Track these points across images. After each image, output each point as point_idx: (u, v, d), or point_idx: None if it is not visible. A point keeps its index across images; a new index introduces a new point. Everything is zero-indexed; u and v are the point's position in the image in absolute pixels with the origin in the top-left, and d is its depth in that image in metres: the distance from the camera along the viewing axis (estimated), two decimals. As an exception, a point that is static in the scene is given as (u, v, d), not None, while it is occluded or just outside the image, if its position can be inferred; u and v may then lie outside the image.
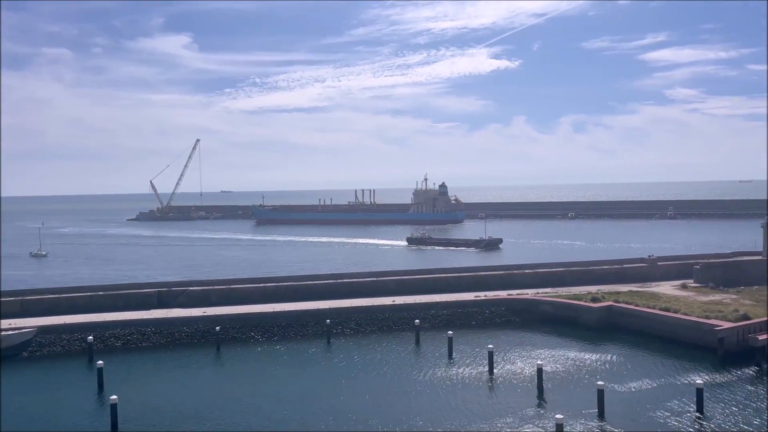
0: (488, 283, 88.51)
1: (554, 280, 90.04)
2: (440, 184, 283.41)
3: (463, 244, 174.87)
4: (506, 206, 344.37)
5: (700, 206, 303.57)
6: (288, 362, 61.12)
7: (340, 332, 70.80)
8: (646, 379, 52.91)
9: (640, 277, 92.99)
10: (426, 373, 56.40)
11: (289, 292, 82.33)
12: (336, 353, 63.88)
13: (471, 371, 56.56)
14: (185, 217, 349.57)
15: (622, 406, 46.47)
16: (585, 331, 70.26)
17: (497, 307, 77.66)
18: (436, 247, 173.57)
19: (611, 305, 73.42)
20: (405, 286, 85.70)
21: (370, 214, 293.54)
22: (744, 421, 43.69)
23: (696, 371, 54.42)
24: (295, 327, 71.54)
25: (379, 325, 72.99)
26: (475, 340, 66.63)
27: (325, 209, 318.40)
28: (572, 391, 50.65)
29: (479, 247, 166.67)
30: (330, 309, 74.23)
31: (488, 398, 49.93)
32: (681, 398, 47.88)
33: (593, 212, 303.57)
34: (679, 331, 64.69)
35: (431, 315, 75.00)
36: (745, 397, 48.38)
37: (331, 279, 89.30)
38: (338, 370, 57.97)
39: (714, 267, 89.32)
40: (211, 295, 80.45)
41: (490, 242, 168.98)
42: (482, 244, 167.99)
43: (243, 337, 69.38)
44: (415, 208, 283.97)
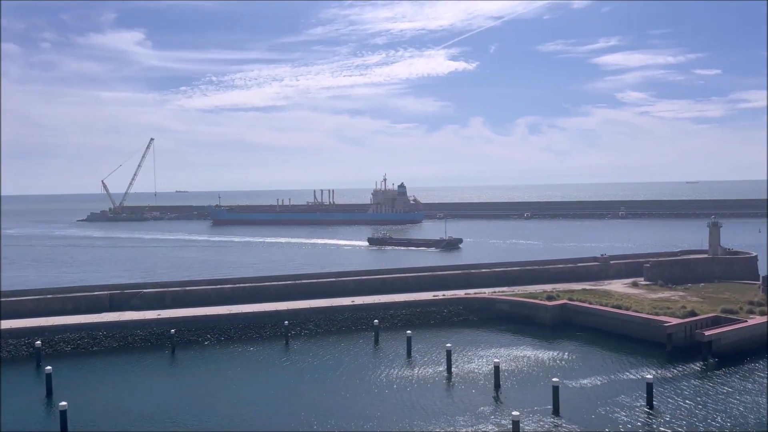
0: (446, 282, 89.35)
1: (511, 279, 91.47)
2: (399, 185, 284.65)
3: (423, 244, 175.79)
4: (464, 206, 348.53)
5: (650, 206, 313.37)
6: (245, 364, 60.31)
7: (298, 333, 70.29)
8: (599, 375, 54.29)
9: (593, 275, 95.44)
10: (385, 372, 56.50)
11: (246, 294, 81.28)
12: (294, 355, 63.39)
13: (429, 370, 56.94)
14: (139, 217, 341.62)
15: (576, 402, 47.54)
16: (540, 328, 71.60)
17: (455, 306, 78.43)
18: (397, 248, 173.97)
19: (566, 303, 75.05)
20: (364, 287, 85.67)
21: (329, 214, 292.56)
22: (691, 414, 45.24)
23: (646, 366, 56.15)
24: (253, 329, 70.68)
25: (339, 326, 72.77)
26: (434, 339, 67.12)
27: (283, 209, 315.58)
28: (528, 388, 51.54)
29: (439, 247, 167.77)
30: (288, 310, 73.61)
31: (446, 397, 50.35)
32: (632, 393, 49.29)
33: (548, 212, 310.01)
34: (631, 327, 66.62)
35: (390, 315, 75.21)
36: (692, 391, 50.13)
37: (289, 280, 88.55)
38: (296, 372, 57.53)
39: (663, 265, 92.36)
40: (166, 297, 78.75)
41: (450, 242, 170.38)
42: (442, 244, 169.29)
43: (199, 340, 68.15)
44: (374, 208, 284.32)
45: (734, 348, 58.93)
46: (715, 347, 58.16)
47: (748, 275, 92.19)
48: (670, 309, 67.87)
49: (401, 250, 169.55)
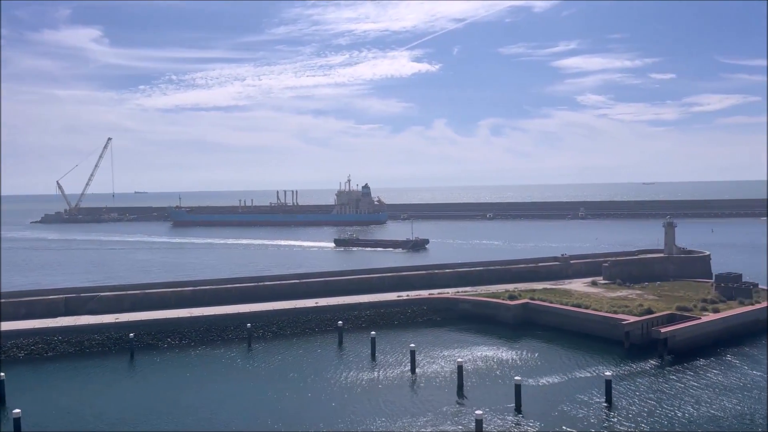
0: (410, 282, 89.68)
1: (474, 279, 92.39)
2: (363, 186, 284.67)
3: (390, 245, 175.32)
4: (428, 207, 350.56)
5: (608, 207, 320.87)
6: (206, 368, 59.36)
7: (261, 336, 69.57)
8: (559, 373, 55.24)
9: (554, 275, 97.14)
10: (349, 374, 56.36)
11: (208, 296, 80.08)
12: (257, 357, 62.70)
13: (393, 371, 57.04)
14: (96, 219, 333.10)
15: (538, 400, 48.28)
16: (503, 327, 72.49)
17: (419, 306, 78.78)
18: (363, 249, 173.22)
19: (527, 302, 76.17)
20: (328, 288, 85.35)
21: (292, 215, 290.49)
22: (647, 409, 46.44)
23: (605, 363, 57.40)
24: (214, 332, 69.65)
25: (302, 328, 72.30)
26: (398, 340, 67.28)
27: (245, 211, 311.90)
28: (491, 387, 52.11)
29: (406, 248, 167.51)
30: (251, 312, 72.79)
31: (410, 397, 50.51)
32: (591, 390, 50.31)
33: (510, 213, 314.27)
34: (590, 325, 68.03)
35: (354, 316, 75.09)
36: (648, 387, 51.45)
37: (252, 282, 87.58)
38: (259, 375, 56.92)
39: (621, 264, 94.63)
40: (125, 301, 76.98)
41: (416, 243, 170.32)
42: (409, 245, 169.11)
43: (158, 344, 66.79)
44: (338, 209, 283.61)
45: (688, 345, 60.74)
46: (671, 344, 59.83)
47: (702, 274, 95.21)
48: (628, 307, 69.56)
49: (368, 251, 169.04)
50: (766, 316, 69.89)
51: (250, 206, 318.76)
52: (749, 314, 68.74)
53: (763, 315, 69.82)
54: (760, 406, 46.58)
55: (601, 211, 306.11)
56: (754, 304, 71.53)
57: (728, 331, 65.21)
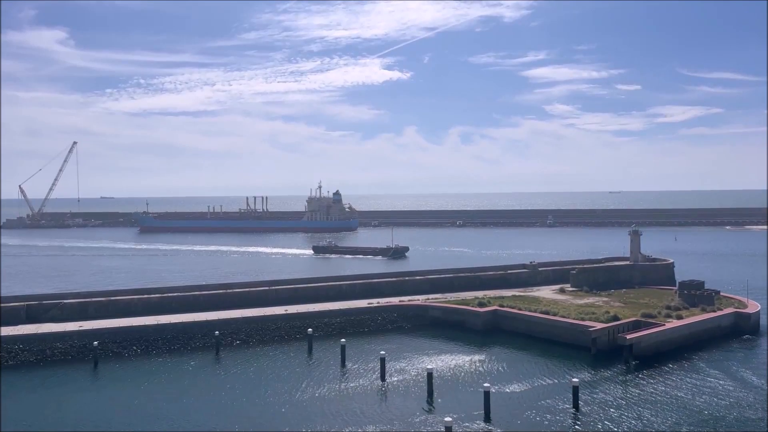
0: (380, 289, 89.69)
1: (444, 286, 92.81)
2: (334, 192, 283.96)
3: (370, 253, 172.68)
4: (399, 214, 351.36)
5: (575, 215, 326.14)
6: (173, 377, 58.31)
7: (229, 344, 68.67)
8: (528, 379, 55.76)
9: (522, 282, 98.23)
10: (318, 382, 55.97)
11: (175, 304, 78.79)
12: (225, 366, 61.84)
13: (363, 378, 56.85)
14: (59, 224, 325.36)
15: (506, 406, 48.62)
16: (472, 334, 72.91)
17: (389, 313, 78.77)
18: (343, 256, 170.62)
19: (496, 309, 76.80)
20: (298, 295, 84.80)
21: (262, 221, 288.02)
22: (613, 414, 47.16)
23: (572, 370, 58.14)
24: (182, 340, 68.51)
25: (272, 336, 71.61)
26: (368, 347, 67.11)
27: (214, 217, 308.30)
28: (460, 393, 52.31)
29: (387, 256, 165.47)
30: (219, 320, 71.84)
31: (380, 404, 50.38)
32: (559, 396, 50.91)
33: (479, 220, 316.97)
34: (558, 332, 68.89)
35: (324, 323, 74.69)
36: (614, 393, 52.26)
37: (220, 289, 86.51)
38: (227, 384, 56.11)
39: (588, 272, 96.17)
40: (89, 308, 75.26)
41: (397, 250, 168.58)
42: (390, 252, 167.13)
43: (124, 352, 65.39)
44: (308, 215, 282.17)
45: (653, 350, 61.97)
46: (636, 350, 60.94)
47: (666, 281, 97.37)
48: (595, 314, 70.68)
49: (348, 258, 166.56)
50: (728, 322, 71.76)
51: (219, 212, 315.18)
52: (711, 321, 70.47)
53: (725, 321, 71.64)
54: (721, 410, 47.70)
55: (568, 218, 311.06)
56: (716, 310, 73.35)
57: (691, 337, 66.74)
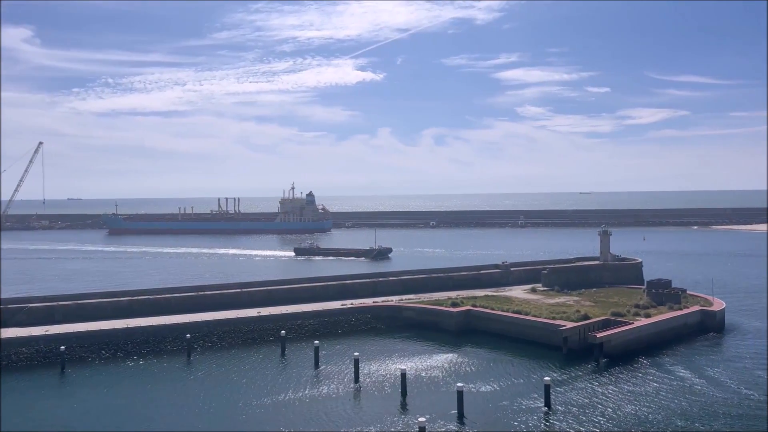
0: (354, 291, 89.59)
1: (417, 287, 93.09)
2: (308, 193, 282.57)
3: (353, 254, 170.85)
4: (373, 215, 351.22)
5: (547, 216, 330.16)
6: (143, 381, 57.34)
7: (201, 347, 67.84)
8: (501, 378, 56.24)
9: (495, 282, 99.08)
10: (292, 384, 55.63)
11: (146, 307, 77.56)
12: (197, 369, 61.05)
13: (337, 379, 56.68)
14: (25, 226, 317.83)
15: (479, 406, 48.95)
16: (446, 334, 73.25)
17: (363, 314, 78.70)
18: (326, 258, 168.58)
19: (469, 309, 77.29)
20: (271, 297, 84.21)
21: (234, 223, 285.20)
22: (584, 411, 47.83)
23: (544, 368, 58.83)
24: (152, 343, 67.44)
25: (244, 338, 70.96)
26: (342, 349, 66.96)
27: (185, 218, 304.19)
28: (434, 393, 52.50)
29: (370, 257, 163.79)
30: (191, 323, 70.92)
31: (353, 405, 50.29)
32: (532, 394, 51.45)
33: (453, 221, 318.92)
34: (530, 331, 69.62)
35: (298, 325, 74.28)
36: (585, 390, 53.01)
37: (191, 291, 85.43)
38: (199, 387, 55.40)
39: (559, 272, 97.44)
40: (56, 312, 73.58)
41: (380, 252, 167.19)
42: (373, 253, 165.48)
43: (92, 357, 64.10)
44: (281, 217, 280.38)
45: (622, 348, 63.03)
46: (606, 348, 61.92)
47: (635, 280, 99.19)
48: (566, 313, 71.63)
49: (330, 260, 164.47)
50: (694, 320, 73.39)
51: (190, 214, 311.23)
52: (678, 319, 72.00)
53: (692, 319, 73.25)
54: (689, 405, 48.74)
55: (540, 219, 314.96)
56: (682, 309, 74.96)
57: (659, 335, 68.08)
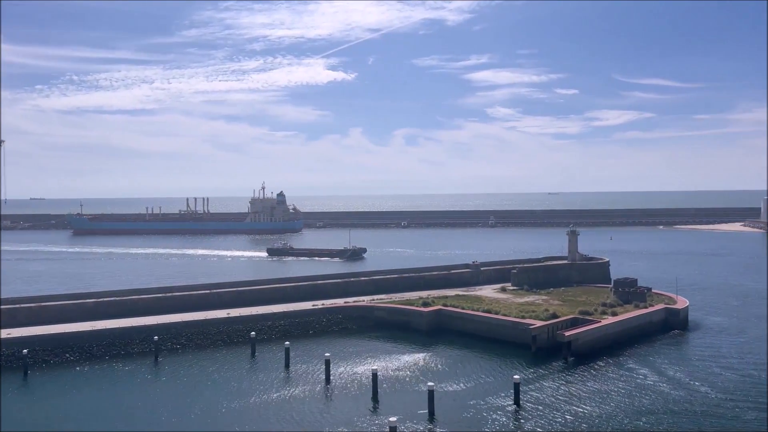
0: (325, 291, 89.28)
1: (388, 287, 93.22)
2: (278, 193, 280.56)
3: (327, 255, 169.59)
4: (344, 215, 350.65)
5: (516, 216, 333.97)
6: (109, 384, 56.21)
7: (169, 349, 66.83)
8: (471, 377, 56.66)
9: (465, 281, 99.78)
10: (261, 385, 55.17)
11: (112, 308, 76.09)
12: (165, 371, 60.11)
13: (307, 380, 56.41)
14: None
15: (450, 405, 49.23)
16: (417, 334, 73.50)
17: (334, 314, 78.47)
18: (299, 258, 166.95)
19: (440, 309, 77.69)
20: (241, 298, 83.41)
21: (203, 223, 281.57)
22: (553, 409, 48.48)
23: (514, 367, 59.47)
24: (119, 345, 66.18)
25: (213, 339, 70.12)
26: (313, 349, 66.66)
27: (153, 218, 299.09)
28: (405, 393, 52.62)
29: (344, 257, 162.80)
30: (158, 324, 69.79)
31: (324, 406, 50.10)
32: (501, 392, 51.95)
33: (424, 221, 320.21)
34: (500, 330, 70.30)
35: (268, 326, 73.70)
36: (553, 388, 53.75)
37: (159, 293, 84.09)
38: (166, 390, 54.56)
39: (528, 271, 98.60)
40: (18, 314, 71.60)
41: (355, 252, 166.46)
42: (347, 254, 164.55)
43: (56, 360, 62.58)
44: (252, 217, 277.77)
45: (590, 346, 64.07)
46: (574, 346, 62.88)
47: (602, 279, 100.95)
48: (535, 312, 72.52)
49: (304, 260, 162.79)
50: (659, 318, 75.01)
51: (157, 214, 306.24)
52: (644, 317, 73.51)
53: (656, 317, 74.87)
54: (651, 403, 49.80)
55: (509, 219, 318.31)
56: (647, 307, 76.56)
57: (625, 333, 69.40)
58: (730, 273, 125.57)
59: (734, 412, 47.45)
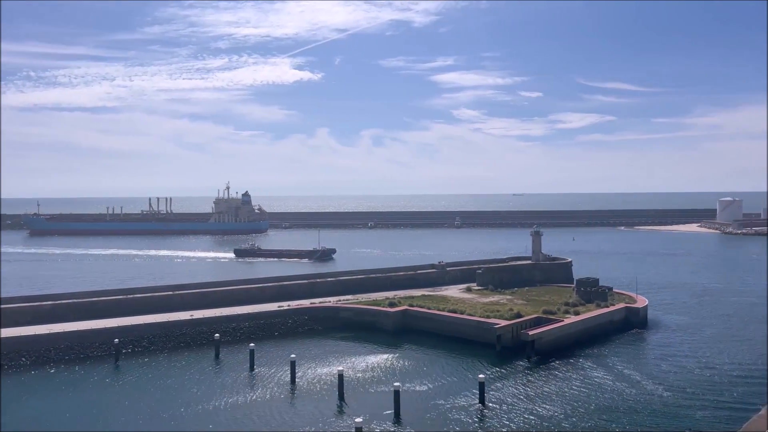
0: (291, 292, 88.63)
1: (355, 287, 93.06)
2: (243, 193, 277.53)
3: (296, 255, 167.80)
4: (311, 216, 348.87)
5: (481, 217, 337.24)
6: (66, 389, 54.65)
7: (130, 352, 65.39)
8: (437, 377, 56.93)
9: (432, 281, 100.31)
10: (225, 388, 54.40)
11: (70, 311, 74.08)
12: (125, 375, 58.76)
13: (273, 383, 55.86)
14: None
15: (416, 405, 49.36)
16: (383, 335, 73.54)
17: (300, 316, 77.94)
18: (268, 259, 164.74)
19: (406, 309, 77.90)
20: (205, 300, 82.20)
21: (166, 224, 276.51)
22: (517, 407, 49.05)
23: (479, 366, 60.00)
24: (77, 349, 64.46)
25: (176, 342, 68.89)
26: (278, 351, 66.07)
27: (114, 219, 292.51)
28: (371, 394, 52.56)
29: (313, 258, 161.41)
30: (119, 327, 68.24)
31: (290, 408, 49.68)
32: (467, 391, 52.33)
33: (391, 222, 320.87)
34: (465, 330, 70.84)
35: (232, 328, 72.77)
36: (517, 386, 54.41)
37: (120, 294, 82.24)
38: (127, 394, 53.30)
39: (493, 271, 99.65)
40: (-30, 318, 69.15)
41: (324, 253, 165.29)
42: (316, 254, 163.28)
43: (10, 365, 60.56)
44: (216, 217, 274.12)
45: (553, 345, 65.06)
46: (538, 345, 63.75)
47: (565, 279, 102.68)
48: (499, 311, 73.31)
49: (272, 262, 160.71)
50: (620, 317, 76.64)
51: (118, 214, 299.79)
52: (605, 316, 75.01)
53: (617, 316, 76.48)
54: (611, 401, 50.82)
55: (475, 220, 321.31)
56: (609, 306, 78.14)
57: (587, 332, 70.71)
58: (687, 272, 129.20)
59: (687, 411, 48.75)
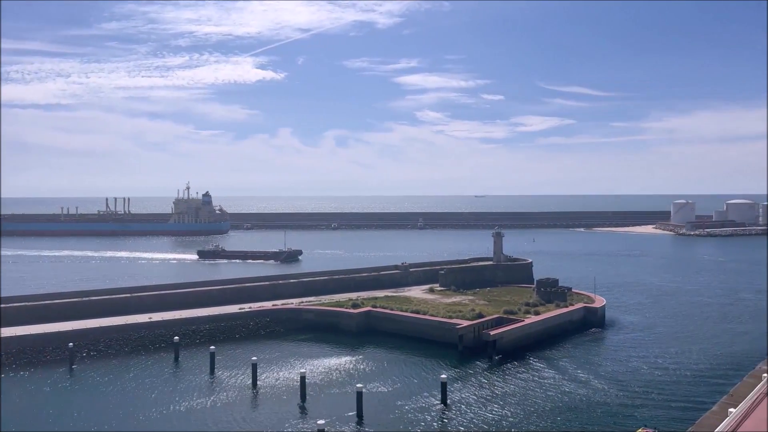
0: (253, 294, 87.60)
1: (318, 289, 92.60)
2: (204, 193, 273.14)
3: (261, 257, 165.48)
4: (273, 217, 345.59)
5: (444, 218, 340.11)
6: (18, 396, 52.85)
7: (86, 356, 63.63)
8: (400, 377, 57.08)
9: (395, 282, 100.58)
10: (185, 392, 53.42)
11: (21, 314, 71.65)
12: (80, 380, 57.15)
13: (234, 386, 55.10)
14: None
15: (379, 406, 49.38)
16: (346, 336, 73.36)
17: (262, 318, 77.13)
18: (232, 261, 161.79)
19: (370, 310, 77.90)
20: (164, 302, 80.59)
21: (124, 224, 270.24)
22: (478, 406, 49.55)
23: (441, 366, 60.40)
24: (29, 354, 62.40)
25: (134, 345, 67.34)
26: (239, 354, 65.23)
27: (69, 219, 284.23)
28: (334, 396, 52.35)
29: (279, 260, 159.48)
30: (74, 330, 66.36)
31: (251, 411, 49.09)
32: (429, 391, 52.61)
33: (354, 223, 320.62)
34: (428, 330, 71.24)
35: (192, 331, 71.53)
36: (479, 385, 54.98)
37: (75, 297, 79.97)
38: (82, 399, 51.87)
39: (455, 272, 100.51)
40: None
41: (290, 254, 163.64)
42: (282, 256, 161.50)
43: (-42, 371, 58.26)
44: (175, 218, 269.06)
45: (514, 345, 65.97)
46: (499, 345, 64.55)
47: (526, 279, 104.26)
48: (461, 312, 73.97)
49: (237, 263, 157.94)
50: (579, 316, 78.21)
51: (74, 214, 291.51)
52: (564, 315, 76.44)
53: (576, 316, 78.03)
54: (570, 400, 51.81)
55: (437, 221, 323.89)
56: (568, 306, 79.65)
57: (547, 332, 71.93)
58: (643, 272, 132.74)
59: (641, 410, 50.05)
